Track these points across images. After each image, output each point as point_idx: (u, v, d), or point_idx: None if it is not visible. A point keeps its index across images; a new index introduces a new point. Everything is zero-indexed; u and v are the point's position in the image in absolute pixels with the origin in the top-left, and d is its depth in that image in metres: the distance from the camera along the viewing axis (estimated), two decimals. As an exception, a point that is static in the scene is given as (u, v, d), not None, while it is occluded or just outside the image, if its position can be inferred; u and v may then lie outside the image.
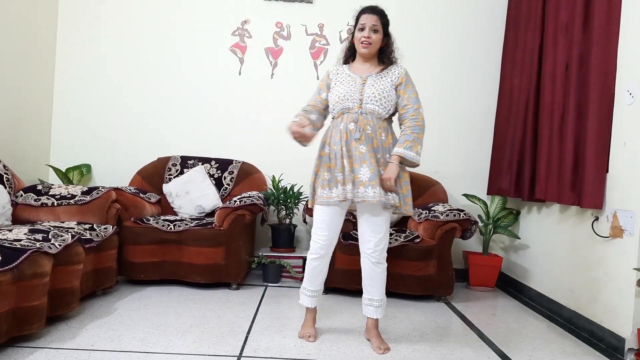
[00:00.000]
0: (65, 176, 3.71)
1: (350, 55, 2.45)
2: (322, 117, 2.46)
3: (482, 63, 3.96)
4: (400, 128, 2.33)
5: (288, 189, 3.55)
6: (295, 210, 3.63)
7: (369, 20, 2.28)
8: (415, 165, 2.28)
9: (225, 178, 3.74)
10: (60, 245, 2.28)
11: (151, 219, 3.23)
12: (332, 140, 2.29)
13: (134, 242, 3.13)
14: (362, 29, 2.30)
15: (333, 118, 2.39)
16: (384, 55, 2.38)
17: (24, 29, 3.48)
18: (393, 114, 2.38)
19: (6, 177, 2.95)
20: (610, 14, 2.61)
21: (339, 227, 2.36)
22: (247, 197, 3.20)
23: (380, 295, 2.35)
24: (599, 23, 2.65)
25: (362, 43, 2.30)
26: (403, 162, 2.27)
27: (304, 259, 3.54)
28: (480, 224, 3.67)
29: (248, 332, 2.43)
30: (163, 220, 3.21)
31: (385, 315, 2.81)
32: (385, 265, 2.36)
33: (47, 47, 3.80)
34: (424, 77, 3.95)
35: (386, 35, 2.36)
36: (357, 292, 3.19)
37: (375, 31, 2.30)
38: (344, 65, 2.45)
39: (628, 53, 2.50)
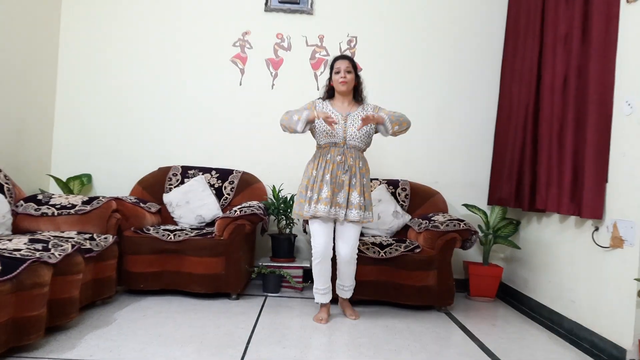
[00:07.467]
0: (65, 186, 3.72)
1: (329, 95, 2.91)
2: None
3: (481, 74, 3.99)
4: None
5: (288, 198, 3.55)
6: (295, 220, 3.63)
7: (342, 64, 2.79)
8: (385, 134, 2.82)
9: (225, 188, 3.75)
10: (60, 255, 2.28)
11: (151, 228, 3.23)
12: (319, 166, 2.76)
13: (133, 251, 3.12)
14: (338, 72, 2.79)
15: (319, 147, 2.84)
16: (357, 94, 2.88)
17: (26, 39, 3.51)
18: (368, 145, 2.87)
19: (7, 187, 2.96)
20: (608, 26, 2.64)
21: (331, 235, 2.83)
22: (247, 206, 3.20)
23: (351, 282, 2.93)
24: (597, 35, 2.68)
25: (340, 83, 2.78)
26: (379, 124, 2.80)
27: (304, 269, 3.55)
28: (480, 234, 3.67)
29: (248, 343, 2.42)
30: (163, 230, 3.21)
31: (386, 326, 2.82)
32: (356, 261, 2.88)
33: (49, 58, 3.83)
34: (425, 88, 3.99)
35: (357, 76, 2.86)
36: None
37: (349, 72, 2.80)
38: (326, 100, 2.89)
39: (626, 64, 2.52)
